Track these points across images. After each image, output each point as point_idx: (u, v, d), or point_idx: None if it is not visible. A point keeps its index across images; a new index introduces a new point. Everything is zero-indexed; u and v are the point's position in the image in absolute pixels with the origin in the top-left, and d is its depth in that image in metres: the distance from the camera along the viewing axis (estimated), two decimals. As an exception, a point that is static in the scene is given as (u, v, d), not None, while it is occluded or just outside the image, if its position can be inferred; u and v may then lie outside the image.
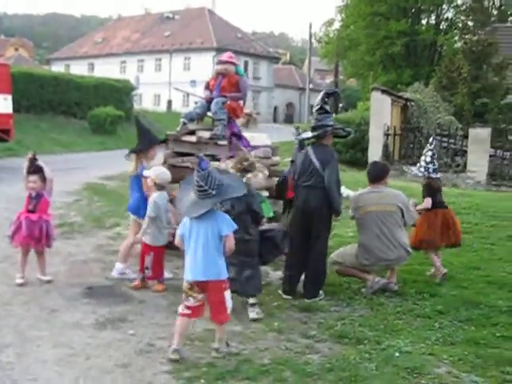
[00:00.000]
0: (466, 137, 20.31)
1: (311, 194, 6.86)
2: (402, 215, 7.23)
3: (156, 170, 7.20)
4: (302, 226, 6.95)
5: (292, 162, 7.43)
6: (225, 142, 8.30)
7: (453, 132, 21.45)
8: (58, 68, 66.57)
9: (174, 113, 42.38)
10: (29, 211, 7.01)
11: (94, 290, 6.87)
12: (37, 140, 26.15)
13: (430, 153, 8.00)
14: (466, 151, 20.02)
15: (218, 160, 7.96)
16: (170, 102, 48.25)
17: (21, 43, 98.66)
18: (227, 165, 7.11)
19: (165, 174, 7.18)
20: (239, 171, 6.39)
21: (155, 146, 7.70)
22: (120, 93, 35.02)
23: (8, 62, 22.73)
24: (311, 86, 52.78)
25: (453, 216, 8.10)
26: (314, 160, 6.89)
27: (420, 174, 8.00)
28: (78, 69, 62.75)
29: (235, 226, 5.21)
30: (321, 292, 6.92)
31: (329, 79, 76.61)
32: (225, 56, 9.03)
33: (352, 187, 8.23)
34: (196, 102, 9.28)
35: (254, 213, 6.26)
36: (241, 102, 8.91)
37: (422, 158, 8.03)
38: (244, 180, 6.26)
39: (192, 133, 8.56)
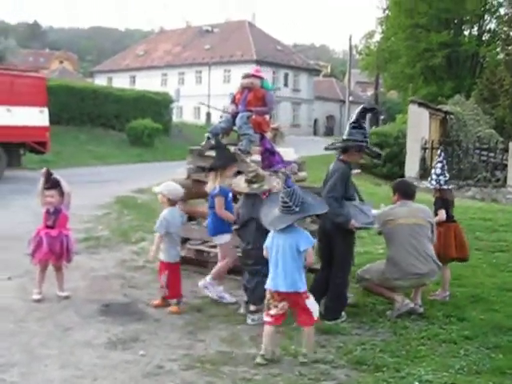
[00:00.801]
0: (506, 150, 19.85)
1: (326, 218, 6.57)
2: (431, 230, 6.99)
3: (168, 185, 7.06)
4: (321, 247, 6.73)
5: None
6: (249, 158, 8.12)
7: (493, 145, 20.98)
8: (100, 80, 67.64)
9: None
10: (47, 227, 6.93)
11: (110, 308, 6.73)
12: (74, 152, 26.45)
13: (439, 164, 7.72)
14: (506, 165, 19.55)
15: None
16: (208, 115, 48.38)
17: (65, 56, 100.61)
18: (240, 179, 6.94)
19: (177, 189, 7.04)
20: (246, 182, 6.61)
21: (233, 164, 7.38)
22: (159, 105, 35.29)
23: (44, 75, 22.94)
24: (351, 98, 52.41)
25: (461, 230, 7.83)
26: (326, 178, 6.72)
27: (431, 187, 7.73)
28: (120, 81, 63.63)
29: (313, 242, 5.55)
30: (343, 313, 6.67)
31: (370, 91, 76.20)
32: (251, 70, 8.88)
33: (387, 202, 7.91)
34: (221, 116, 9.14)
35: (257, 221, 6.29)
36: (267, 117, 8.73)
37: (432, 170, 7.77)
38: (248, 190, 6.63)
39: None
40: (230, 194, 7.30)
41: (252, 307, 6.53)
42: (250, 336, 6.02)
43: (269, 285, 5.47)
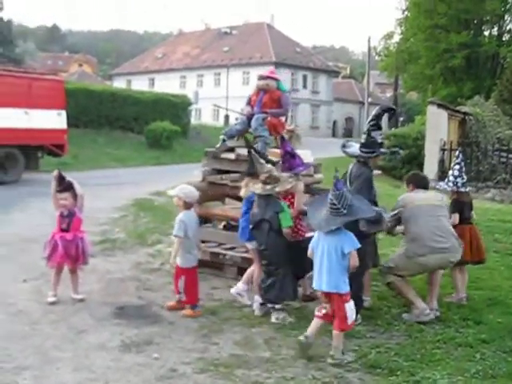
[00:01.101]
0: (526, 152, 19.67)
1: None
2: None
3: (184, 188, 7.03)
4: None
5: None
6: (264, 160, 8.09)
7: (512, 147, 20.79)
8: (119, 83, 67.93)
9: (231, 127, 42.43)
10: (62, 230, 6.94)
11: (124, 310, 6.74)
12: (93, 155, 26.58)
13: (457, 166, 7.63)
14: (526, 167, 19.37)
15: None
16: (227, 117, 48.40)
17: (84, 59, 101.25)
18: (254, 184, 6.89)
19: (193, 192, 7.01)
20: (261, 183, 6.72)
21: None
22: (177, 108, 35.38)
23: (62, 78, 23.04)
24: (371, 99, 52.18)
25: (477, 232, 7.73)
26: (347, 181, 6.63)
27: (449, 189, 7.63)
28: (139, 84, 63.92)
29: (358, 245, 5.58)
30: (358, 316, 6.61)
31: (389, 93, 75.81)
32: (266, 71, 8.86)
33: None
34: (237, 118, 9.12)
35: (269, 222, 6.56)
36: (282, 119, 8.70)
37: (450, 172, 7.66)
38: (263, 192, 6.68)
39: (231, 150, 8.39)
40: None
41: (277, 305, 6.59)
42: (263, 339, 5.99)
43: (314, 284, 5.72)
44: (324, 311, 5.66)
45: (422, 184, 7.26)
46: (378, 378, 5.16)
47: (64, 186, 6.92)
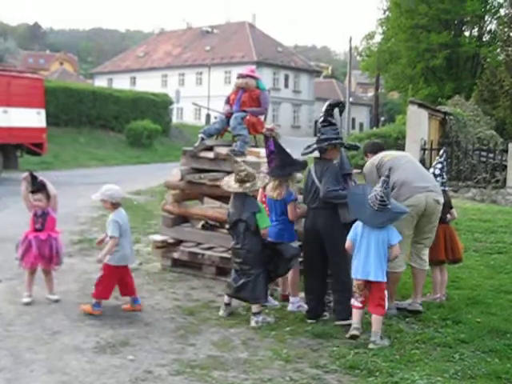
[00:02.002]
0: (506, 151, 19.74)
1: (317, 216, 6.51)
2: None
3: (108, 189, 6.77)
4: (314, 249, 6.59)
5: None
6: (243, 159, 8.01)
7: (492, 146, 20.87)
8: (101, 82, 67.60)
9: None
10: (36, 230, 6.83)
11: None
12: (73, 154, 26.42)
13: (439, 165, 7.61)
14: (505, 166, 19.43)
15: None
16: (208, 116, 48.26)
17: (66, 58, 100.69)
18: (229, 181, 6.83)
19: (118, 191, 6.82)
20: (238, 182, 6.63)
21: (302, 168, 7.23)
22: (158, 107, 35.27)
23: (41, 76, 22.85)
24: (352, 99, 52.34)
25: (452, 231, 7.71)
26: (315, 179, 6.56)
27: None
28: (121, 83, 63.64)
29: (400, 238, 6.03)
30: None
31: (370, 92, 76.03)
32: (246, 70, 8.78)
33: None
34: (215, 117, 9.04)
35: (245, 223, 6.52)
36: (261, 117, 8.64)
37: (431, 170, 7.61)
38: (241, 190, 6.60)
39: (210, 149, 8.31)
40: None
41: (254, 308, 6.50)
42: (241, 340, 5.92)
43: (358, 274, 5.94)
44: (360, 300, 5.99)
45: (376, 148, 7.35)
46: (357, 379, 5.10)
47: (37, 186, 6.81)
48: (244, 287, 6.52)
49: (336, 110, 6.96)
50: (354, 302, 6.05)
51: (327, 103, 6.90)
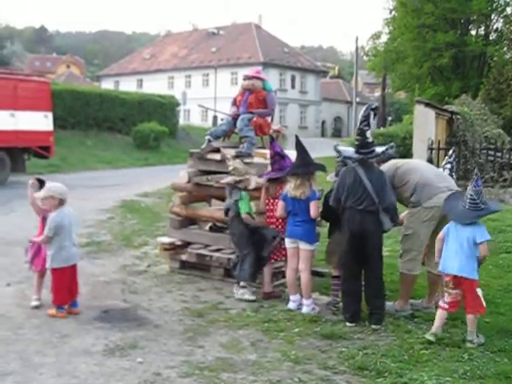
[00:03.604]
0: (513, 150, 19.66)
1: (366, 218, 6.49)
2: None
3: (53, 187, 6.68)
4: (356, 251, 6.56)
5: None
6: (250, 160, 8.02)
7: (500, 145, 20.79)
8: (107, 84, 67.66)
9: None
10: None
11: (109, 314, 6.65)
12: (81, 156, 26.47)
13: (448, 165, 7.59)
14: (513, 165, 19.35)
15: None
16: (215, 118, 48.33)
17: (72, 60, 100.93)
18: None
19: (63, 187, 6.72)
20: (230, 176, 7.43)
21: (320, 169, 7.20)
22: (164, 108, 35.28)
23: (48, 79, 22.91)
24: (359, 99, 52.24)
25: None
26: (366, 181, 6.51)
27: None
28: (127, 85, 63.62)
29: (488, 237, 6.13)
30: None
31: (377, 92, 75.93)
32: (252, 71, 8.79)
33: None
34: (222, 119, 9.05)
35: (231, 210, 7.44)
36: (268, 119, 8.64)
37: (440, 170, 7.60)
38: (225, 181, 7.51)
39: (217, 150, 8.31)
40: None
41: (242, 283, 7.36)
42: (250, 341, 5.93)
43: (447, 269, 6.10)
44: (448, 300, 6.08)
45: (386, 157, 7.23)
46: (366, 379, 5.09)
47: None
48: (234, 267, 7.46)
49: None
50: (441, 302, 6.20)
51: (367, 107, 6.83)
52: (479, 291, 6.04)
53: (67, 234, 6.66)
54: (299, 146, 7.04)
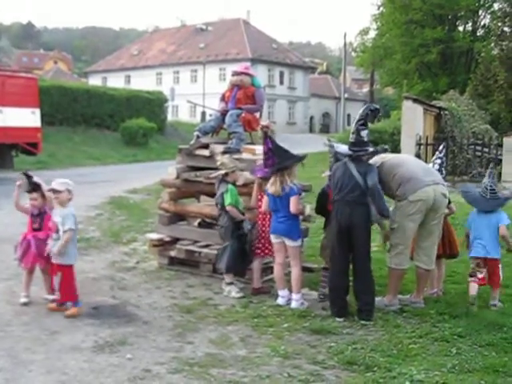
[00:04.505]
0: (500, 145, 19.78)
1: (355, 211, 6.52)
2: None
3: (66, 181, 6.70)
4: (344, 244, 6.61)
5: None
6: (238, 156, 8.02)
7: (487, 141, 20.90)
8: (95, 81, 67.37)
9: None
10: (34, 230, 6.82)
11: (98, 310, 6.63)
12: (69, 153, 26.37)
13: (438, 160, 7.63)
14: (500, 160, 19.47)
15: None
16: (203, 114, 48.25)
17: (60, 57, 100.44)
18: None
19: (71, 183, 6.75)
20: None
21: (299, 161, 7.24)
22: (153, 105, 35.19)
23: (36, 76, 22.81)
24: (347, 95, 52.33)
25: (449, 226, 7.74)
26: (355, 173, 6.55)
27: None
28: (115, 81, 63.40)
29: (509, 221, 7.03)
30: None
31: (365, 88, 76.11)
32: (240, 67, 8.79)
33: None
34: (211, 115, 9.04)
35: (219, 203, 7.50)
36: (257, 115, 8.65)
37: (430, 165, 7.63)
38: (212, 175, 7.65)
39: (206, 146, 8.31)
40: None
41: (227, 279, 7.41)
42: (239, 337, 5.94)
43: (479, 253, 7.01)
44: (481, 275, 6.99)
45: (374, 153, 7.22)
46: (355, 374, 5.12)
47: (32, 186, 6.79)
48: (217, 258, 7.59)
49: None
50: (474, 279, 7.02)
51: (366, 107, 6.89)
52: (500, 268, 7.07)
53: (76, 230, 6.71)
54: (273, 144, 7.09)
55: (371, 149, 6.78)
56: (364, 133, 6.72)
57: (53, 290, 6.63)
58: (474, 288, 6.99)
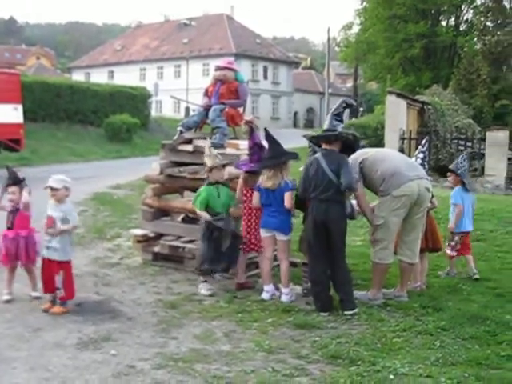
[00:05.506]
0: (483, 140, 19.90)
1: (329, 208, 6.53)
2: None
3: (64, 178, 6.68)
4: (321, 241, 6.61)
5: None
6: (222, 151, 8.01)
7: (470, 135, 21.02)
8: (78, 76, 67.00)
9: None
10: (8, 228, 6.76)
11: (82, 307, 6.59)
12: (52, 149, 26.21)
13: (421, 155, 7.66)
14: (483, 155, 19.60)
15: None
16: (187, 109, 48.10)
17: (42, 52, 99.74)
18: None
19: (68, 180, 6.71)
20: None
21: (294, 158, 7.23)
22: (136, 100, 35.03)
23: (18, 71, 22.66)
24: (331, 90, 52.37)
25: (432, 220, 7.78)
26: (327, 171, 6.53)
27: None
28: (98, 77, 63.12)
29: None
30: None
31: (349, 83, 76.31)
32: (223, 62, 8.76)
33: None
34: (194, 110, 9.02)
35: None
36: (240, 109, 8.64)
37: (413, 159, 7.66)
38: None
39: (189, 142, 8.29)
40: None
41: (201, 277, 7.34)
42: (223, 332, 5.93)
43: (467, 227, 8.40)
44: (457, 248, 8.19)
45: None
46: (339, 368, 5.12)
47: (12, 179, 6.72)
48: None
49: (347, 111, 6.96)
50: (451, 252, 8.12)
51: (342, 101, 6.89)
52: None
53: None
54: (269, 138, 7.05)
55: (340, 130, 6.75)
56: (338, 124, 6.71)
57: (54, 289, 6.49)
58: (454, 262, 8.28)
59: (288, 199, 6.94)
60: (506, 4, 34.65)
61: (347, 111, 6.91)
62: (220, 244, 7.06)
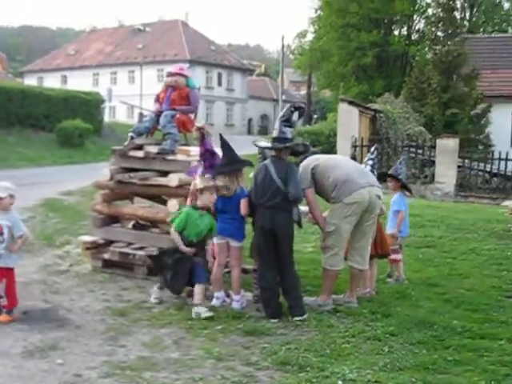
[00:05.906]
0: (434, 147, 20.21)
1: (276, 215, 6.55)
2: None
3: (5, 187, 6.46)
4: (270, 247, 6.64)
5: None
6: (173, 157, 7.97)
7: (421, 143, 21.34)
8: (30, 81, 65.98)
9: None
10: None
11: (29, 315, 6.47)
12: (3, 154, 25.68)
13: (370, 162, 7.74)
14: (434, 162, 19.91)
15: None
16: (141, 115, 47.70)
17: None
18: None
19: (12, 187, 6.56)
20: None
21: (247, 164, 7.16)
22: (89, 105, 34.55)
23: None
24: (285, 97, 52.64)
25: (381, 226, 7.85)
26: (276, 178, 6.55)
27: None
28: (51, 81, 62.28)
29: None
30: None
31: (303, 90, 76.70)
32: (175, 68, 8.74)
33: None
34: (145, 116, 8.96)
35: None
36: (191, 116, 8.62)
37: (362, 166, 7.73)
38: None
39: (140, 148, 8.22)
40: None
41: (196, 300, 6.73)
42: (172, 340, 5.89)
43: (408, 233, 8.67)
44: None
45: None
46: (288, 374, 5.13)
47: None
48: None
49: (296, 114, 6.96)
50: (396, 256, 8.16)
51: (290, 105, 6.95)
52: None
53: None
54: (224, 145, 7.02)
55: (290, 137, 6.80)
56: (287, 130, 6.74)
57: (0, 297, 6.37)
58: (401, 267, 8.33)
59: (244, 206, 6.92)
60: (457, 15, 35.41)
61: (296, 114, 6.91)
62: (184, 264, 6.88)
